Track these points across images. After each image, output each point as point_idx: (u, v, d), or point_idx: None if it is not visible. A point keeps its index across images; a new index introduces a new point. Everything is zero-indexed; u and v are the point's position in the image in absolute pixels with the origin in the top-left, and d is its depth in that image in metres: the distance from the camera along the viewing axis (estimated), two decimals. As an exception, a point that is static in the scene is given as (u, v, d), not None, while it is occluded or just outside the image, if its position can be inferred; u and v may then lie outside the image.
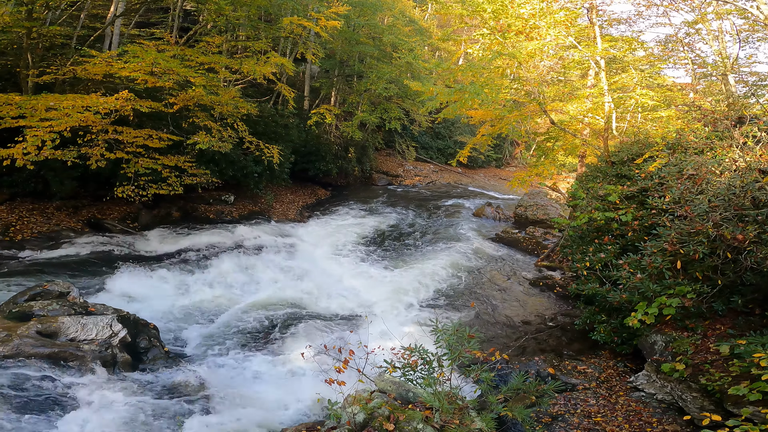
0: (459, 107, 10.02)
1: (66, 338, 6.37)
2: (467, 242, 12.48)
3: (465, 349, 4.59)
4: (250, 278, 9.71)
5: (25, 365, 5.74)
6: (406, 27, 19.09)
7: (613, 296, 6.11)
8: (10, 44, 10.01)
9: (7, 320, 6.35)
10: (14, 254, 8.99)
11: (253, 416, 5.78)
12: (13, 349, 5.92)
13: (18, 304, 6.78)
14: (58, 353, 6.06)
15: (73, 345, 6.26)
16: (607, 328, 6.80)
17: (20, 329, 6.19)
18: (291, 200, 15.39)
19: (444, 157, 24.77)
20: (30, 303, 6.80)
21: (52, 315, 6.60)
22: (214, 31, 13.88)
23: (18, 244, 9.33)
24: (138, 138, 9.41)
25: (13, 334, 6.10)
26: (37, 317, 6.50)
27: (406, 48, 17.51)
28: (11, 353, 5.86)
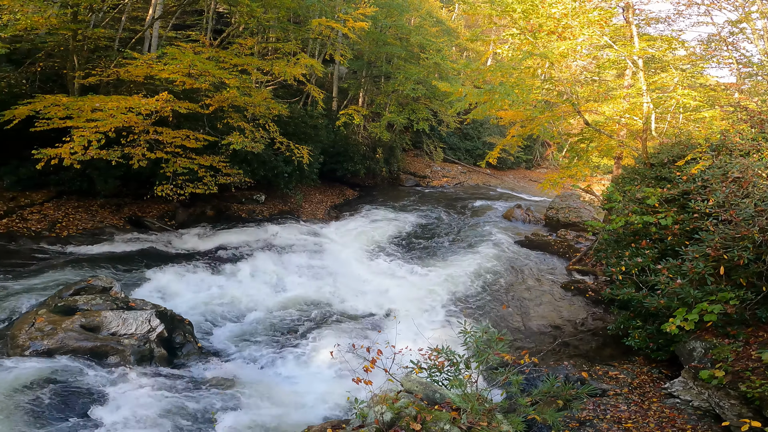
0: (488, 108, 9.92)
1: (108, 332, 6.58)
2: (495, 244, 12.35)
3: (494, 352, 4.56)
4: (280, 277, 9.88)
5: (68, 359, 6.00)
6: (434, 27, 19.06)
7: (651, 301, 5.95)
8: (57, 46, 10.46)
9: (52, 314, 6.59)
10: (60, 249, 9.44)
11: (280, 413, 5.88)
12: (57, 342, 6.16)
13: (63, 299, 7.00)
14: (99, 347, 6.29)
15: (114, 339, 6.48)
16: (642, 334, 6.65)
17: (65, 323, 6.41)
18: (319, 200, 15.61)
19: (472, 158, 24.59)
20: (75, 297, 7.03)
21: (96, 309, 6.81)
22: (246, 33, 14.23)
23: (64, 240, 9.80)
24: (176, 138, 9.71)
25: (58, 327, 6.33)
26: (81, 311, 6.72)
27: (434, 48, 17.48)
28: (56, 346, 6.12)
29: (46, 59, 10.45)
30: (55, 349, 6.10)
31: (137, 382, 5.89)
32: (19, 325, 6.40)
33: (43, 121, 8.31)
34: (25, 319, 6.49)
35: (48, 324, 6.36)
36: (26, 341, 6.11)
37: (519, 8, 8.91)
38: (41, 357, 5.93)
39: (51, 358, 5.94)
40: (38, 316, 6.46)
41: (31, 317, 6.48)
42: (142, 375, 6.05)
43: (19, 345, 6.08)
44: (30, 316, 6.52)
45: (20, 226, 9.74)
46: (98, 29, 10.61)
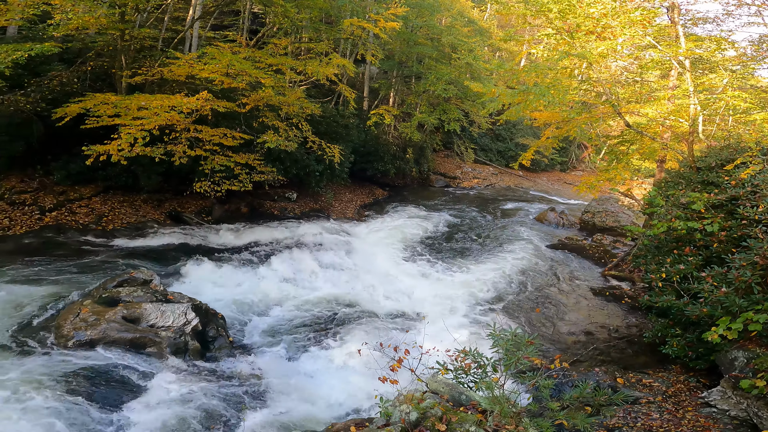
0: (522, 109, 9.76)
1: (147, 324, 6.74)
2: (527, 247, 12.17)
3: (523, 356, 4.50)
4: (309, 274, 10.00)
5: (108, 350, 6.20)
6: (465, 28, 18.90)
7: (692, 310, 5.75)
8: (106, 46, 10.93)
9: (97, 305, 6.81)
10: (106, 242, 9.89)
11: (306, 409, 5.95)
12: (99, 333, 6.36)
13: (107, 290, 7.20)
14: (138, 339, 6.44)
15: (152, 331, 6.62)
16: (681, 342, 6.44)
17: (108, 314, 6.60)
18: (349, 199, 15.75)
19: (504, 160, 24.26)
20: (118, 289, 7.22)
21: (137, 301, 6.98)
22: (280, 33, 14.52)
23: (109, 233, 10.25)
24: (214, 136, 9.99)
25: (102, 318, 6.53)
26: (123, 303, 6.90)
27: (466, 49, 17.33)
28: (98, 337, 6.31)
29: (96, 59, 10.94)
30: (97, 340, 6.29)
31: (172, 375, 6.03)
32: (64, 315, 6.63)
33: (92, 119, 8.71)
34: (70, 310, 6.72)
35: (92, 315, 6.56)
36: (71, 331, 6.32)
37: (555, 8, 8.71)
38: (84, 347, 6.15)
39: (93, 349, 6.16)
40: (83, 307, 6.68)
41: (77, 308, 6.70)
42: (177, 367, 6.20)
43: (63, 335, 6.29)
44: (75, 307, 6.74)
45: (69, 219, 10.28)
46: (144, 29, 11.02)
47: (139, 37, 10.89)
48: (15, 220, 9.74)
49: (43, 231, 9.70)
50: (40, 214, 10.12)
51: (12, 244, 9.00)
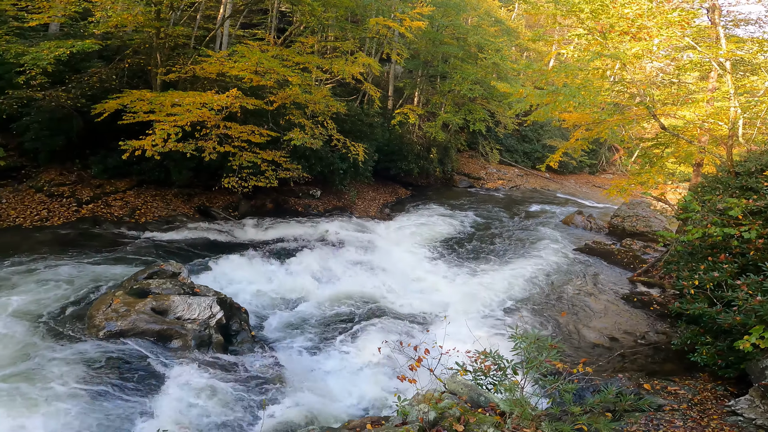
0: (551, 110, 9.58)
1: (174, 316, 6.85)
2: (553, 250, 11.97)
3: (545, 359, 4.44)
4: (331, 271, 10.07)
5: (136, 340, 6.34)
6: (492, 27, 18.70)
7: (725, 318, 5.60)
8: (142, 43, 11.28)
9: (128, 296, 6.97)
10: (138, 235, 10.21)
11: (323, 405, 6.00)
12: (129, 323, 6.50)
13: (138, 282, 7.37)
14: (165, 330, 6.55)
15: (179, 323, 6.72)
16: (711, 350, 6.28)
17: (138, 305, 6.75)
18: (372, 197, 15.82)
19: (530, 161, 23.90)
20: (148, 281, 7.37)
21: (165, 293, 7.11)
22: (307, 31, 14.69)
23: (141, 226, 10.58)
24: (243, 133, 10.19)
25: (132, 309, 6.67)
26: (153, 294, 7.04)
27: (493, 48, 17.14)
28: (128, 328, 6.46)
29: (133, 56, 11.33)
30: (126, 330, 6.43)
31: (196, 367, 6.13)
32: (97, 305, 6.81)
33: (129, 115, 9.04)
34: (103, 300, 6.91)
35: (123, 305, 6.71)
36: (102, 321, 6.49)
37: (587, 8, 8.52)
38: (114, 337, 6.32)
39: (122, 339, 6.31)
40: (115, 298, 6.86)
41: (109, 298, 6.89)
42: (201, 360, 6.32)
43: (95, 325, 6.47)
44: (108, 297, 6.94)
45: (104, 212, 10.69)
46: (178, 27, 11.36)
47: (174, 35, 11.21)
48: (53, 211, 10.19)
49: (80, 222, 10.11)
50: (77, 206, 10.56)
51: (50, 234, 9.40)
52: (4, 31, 10.00)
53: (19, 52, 8.96)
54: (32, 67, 8.66)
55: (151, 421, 5.25)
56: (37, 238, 9.15)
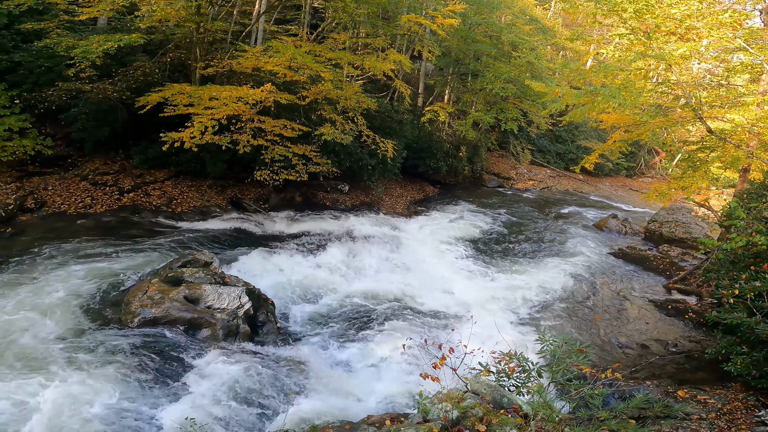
0: (588, 110, 9.33)
1: (204, 305, 7.02)
2: (584, 254, 11.70)
3: (573, 363, 4.36)
4: (356, 266, 10.15)
5: (168, 328, 6.55)
6: (527, 26, 18.33)
7: (764, 328, 5.39)
8: (183, 38, 11.62)
9: (163, 283, 7.17)
10: (174, 224, 10.58)
11: (343, 399, 6.07)
12: (163, 311, 6.68)
13: (173, 270, 7.58)
14: (196, 319, 6.72)
15: (209, 312, 6.88)
16: (746, 361, 6.08)
17: (172, 293, 6.93)
18: (400, 194, 15.83)
19: (563, 162, 23.36)
20: (182, 269, 7.57)
21: (198, 282, 7.29)
22: (339, 28, 14.79)
23: (177, 215, 10.95)
24: (275, 127, 10.35)
25: (166, 297, 6.85)
26: (186, 283, 7.22)
27: (527, 47, 16.79)
28: (161, 315, 6.65)
29: (174, 50, 11.70)
30: (160, 318, 6.62)
31: (223, 356, 6.30)
32: (134, 291, 7.04)
33: (170, 108, 9.34)
34: (139, 287, 7.12)
35: (158, 293, 6.91)
36: (138, 308, 6.70)
37: (630, 8, 8.24)
38: (148, 324, 6.55)
39: (155, 326, 6.53)
40: (151, 285, 7.07)
41: (145, 285, 7.11)
42: (228, 349, 6.48)
43: (131, 311, 6.68)
44: (144, 284, 7.15)
45: (143, 200, 11.14)
46: (217, 22, 11.65)
47: (212, 29, 11.50)
48: (96, 199, 10.70)
49: (121, 210, 10.56)
50: (119, 194, 11.04)
51: (92, 221, 9.87)
52: (56, 24, 10.53)
53: (70, 45, 9.41)
54: (82, 60, 9.08)
55: (176, 406, 5.43)
56: (80, 225, 9.63)
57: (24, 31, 10.98)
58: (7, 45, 10.97)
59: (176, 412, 5.33)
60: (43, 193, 10.31)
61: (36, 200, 10.01)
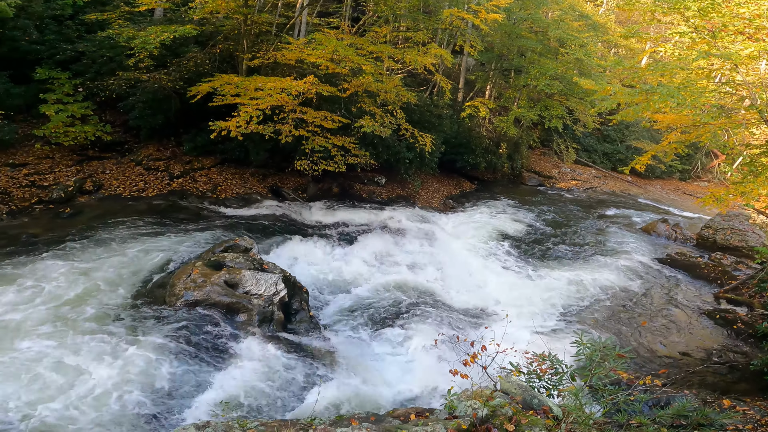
0: (642, 110, 8.93)
1: (243, 290, 7.18)
2: (628, 258, 11.24)
3: (611, 368, 4.23)
4: (390, 259, 10.20)
5: (208, 310, 6.78)
6: (576, 22, 17.66)
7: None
8: (232, 30, 12.01)
9: (206, 267, 7.41)
10: (217, 209, 11.02)
11: (370, 391, 6.13)
12: (204, 294, 6.90)
13: (215, 254, 7.82)
14: (234, 304, 6.90)
15: (246, 298, 7.04)
16: None
17: (213, 277, 7.15)
18: (436, 189, 15.74)
19: (610, 163, 22.44)
20: (223, 254, 7.79)
21: (237, 267, 7.46)
22: (380, 21, 14.80)
23: (221, 201, 11.41)
24: (316, 118, 10.56)
25: (208, 280, 7.07)
26: (227, 268, 7.42)
27: (576, 44, 16.18)
28: (202, 298, 6.87)
29: (223, 42, 12.14)
30: (201, 301, 6.85)
31: (257, 341, 6.49)
32: (179, 274, 7.33)
33: (218, 98, 9.73)
34: (184, 270, 7.40)
35: (201, 276, 7.14)
36: (181, 290, 6.97)
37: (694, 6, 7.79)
38: (189, 306, 6.82)
39: (196, 309, 6.78)
40: (195, 268, 7.33)
41: (189, 268, 7.38)
42: (262, 334, 6.66)
43: (175, 294, 6.96)
44: (189, 267, 7.42)
45: (191, 186, 11.69)
46: (263, 14, 11.95)
47: (258, 21, 11.81)
48: (149, 183, 11.34)
49: (170, 195, 11.12)
50: (169, 179, 11.65)
51: (144, 204, 10.45)
52: (117, 15, 11.18)
53: (130, 35, 9.99)
54: (141, 50, 9.62)
55: (210, 388, 5.68)
56: (133, 207, 10.23)
57: (88, 22, 11.74)
58: (72, 35, 11.78)
59: (210, 393, 5.58)
60: (101, 176, 11.04)
61: (94, 183, 10.74)
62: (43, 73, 10.87)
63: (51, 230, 8.78)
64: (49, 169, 10.64)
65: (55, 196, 9.89)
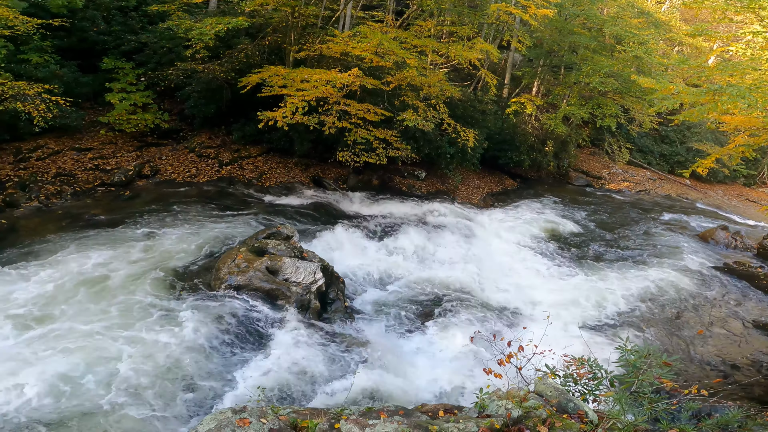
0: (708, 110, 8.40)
1: (282, 277, 7.34)
2: (682, 264, 10.68)
3: (655, 376, 4.05)
4: (426, 253, 10.17)
5: (249, 295, 7.01)
6: (635, 19, 16.74)
7: None
8: (280, 22, 12.32)
9: (249, 253, 7.61)
10: (262, 197, 11.42)
11: (399, 384, 6.17)
12: (246, 279, 7.10)
13: (258, 240, 8.02)
14: (274, 290, 7.08)
15: (285, 285, 7.20)
16: None
17: (256, 263, 7.34)
18: (477, 185, 15.49)
19: (667, 165, 21.20)
20: (266, 241, 7.98)
21: (279, 254, 7.65)
22: (425, 14, 14.65)
23: (266, 189, 11.81)
24: (359, 111, 10.65)
25: (251, 266, 7.27)
26: (268, 254, 7.62)
27: (636, 41, 15.31)
28: (244, 283, 7.08)
29: (272, 34, 12.49)
30: (243, 286, 7.07)
31: (294, 329, 6.67)
32: (224, 259, 7.58)
33: (266, 88, 10.03)
34: (229, 254, 7.65)
35: (244, 261, 7.35)
36: (225, 275, 7.21)
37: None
38: (232, 290, 7.08)
39: (238, 293, 7.03)
40: (239, 253, 7.56)
41: (234, 253, 7.61)
42: (298, 322, 6.84)
43: (219, 278, 7.22)
44: (233, 252, 7.67)
45: (238, 174, 12.18)
46: (310, 6, 12.19)
47: (305, 14, 12.04)
48: (200, 170, 11.93)
49: (219, 181, 11.64)
50: (219, 166, 12.20)
51: (195, 190, 11.00)
52: (176, 7, 11.75)
53: (188, 27, 10.48)
54: (197, 41, 10.09)
55: (247, 371, 5.91)
56: (186, 192, 10.81)
57: (150, 13, 12.42)
58: (136, 26, 12.51)
59: (247, 377, 5.81)
60: (158, 162, 11.73)
61: (151, 168, 11.43)
62: (109, 63, 11.62)
63: (111, 211, 9.43)
64: (112, 153, 11.44)
65: (116, 180, 10.62)
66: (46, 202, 9.43)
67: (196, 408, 5.37)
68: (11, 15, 8.82)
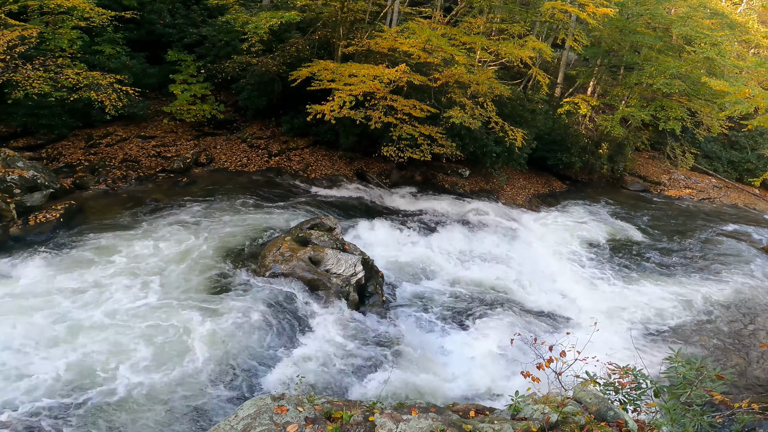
0: (787, 116, 7.69)
1: (324, 268, 7.50)
2: (746, 277, 9.95)
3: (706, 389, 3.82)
4: (468, 253, 10.03)
5: (292, 284, 7.22)
6: (708, 20, 15.58)
7: None
8: (329, 17, 12.57)
9: (294, 242, 7.84)
10: (307, 188, 11.75)
11: (431, 381, 6.15)
12: (290, 268, 7.34)
13: (303, 230, 8.24)
14: (315, 280, 7.26)
15: (326, 276, 7.36)
16: None
17: (299, 252, 7.55)
18: (522, 186, 15.06)
19: (736, 172, 19.68)
20: (310, 231, 8.19)
21: (321, 245, 7.82)
22: (474, 11, 14.37)
23: (311, 181, 12.14)
24: (405, 107, 10.64)
25: (294, 255, 7.50)
26: (312, 245, 7.81)
27: (708, 42, 14.25)
28: (288, 272, 7.32)
29: (321, 28, 12.76)
30: (286, 274, 7.29)
31: (332, 319, 6.81)
32: (269, 247, 7.83)
33: (316, 82, 10.31)
34: (275, 243, 7.89)
35: (289, 250, 7.58)
36: (270, 263, 7.46)
37: None
38: (276, 278, 7.31)
39: (282, 280, 7.25)
40: (284, 242, 7.79)
41: (279, 242, 7.84)
42: (337, 313, 6.97)
43: (265, 265, 7.46)
44: (279, 241, 7.91)
45: (286, 164, 12.59)
46: (359, 1, 12.31)
47: (354, 9, 12.20)
48: (251, 160, 12.45)
49: (268, 171, 12.09)
50: (268, 157, 12.67)
51: (246, 178, 11.48)
52: (234, 0, 12.29)
53: (244, 21, 10.94)
54: (253, 35, 10.51)
55: (285, 358, 6.09)
56: (237, 180, 11.30)
57: (210, 7, 13.07)
58: (197, 19, 13.21)
59: (285, 364, 6.00)
60: (213, 151, 12.37)
61: (207, 156, 12.08)
62: (173, 55, 12.36)
63: (170, 196, 10.04)
64: (173, 142, 12.19)
65: (176, 167, 11.32)
66: (112, 186, 10.22)
67: (239, 385, 5.64)
68: (87, 6, 9.55)
